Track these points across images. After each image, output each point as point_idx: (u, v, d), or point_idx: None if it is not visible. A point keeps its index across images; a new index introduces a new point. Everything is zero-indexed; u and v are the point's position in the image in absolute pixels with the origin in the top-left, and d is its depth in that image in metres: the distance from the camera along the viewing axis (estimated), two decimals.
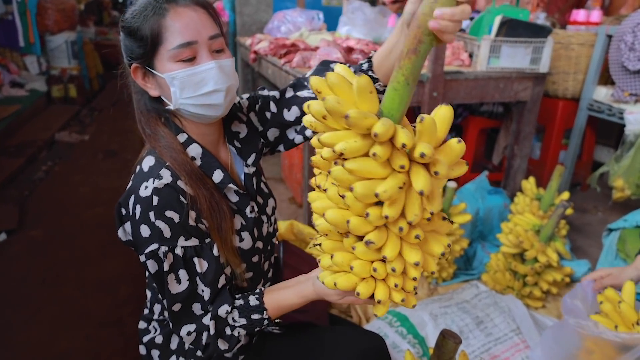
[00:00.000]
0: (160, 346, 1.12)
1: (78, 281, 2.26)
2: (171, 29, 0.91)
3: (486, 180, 2.46)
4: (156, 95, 0.99)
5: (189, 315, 0.98)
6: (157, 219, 0.91)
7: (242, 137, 1.13)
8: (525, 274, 1.93)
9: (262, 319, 1.00)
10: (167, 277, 0.94)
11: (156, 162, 0.96)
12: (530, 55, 2.17)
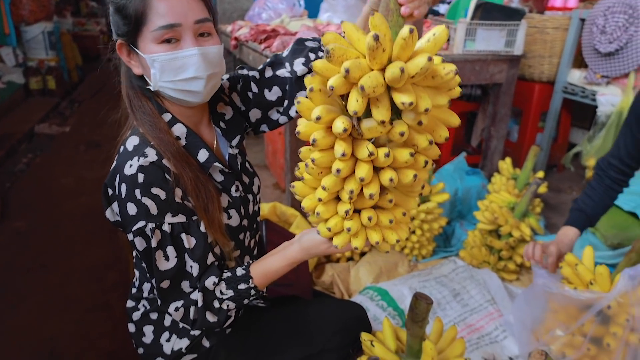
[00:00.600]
0: (155, 322, 1.14)
1: (64, 269, 2.27)
2: (156, 9, 0.91)
3: (464, 161, 2.53)
4: (139, 74, 1.01)
5: (177, 291, 0.99)
6: (143, 196, 0.92)
7: (227, 118, 1.15)
8: (500, 248, 2.01)
9: (249, 288, 1.01)
10: (155, 254, 0.95)
11: (140, 141, 0.97)
12: (504, 38, 2.23)
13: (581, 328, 1.34)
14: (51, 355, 1.74)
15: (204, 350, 1.14)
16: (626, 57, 2.38)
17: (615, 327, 1.26)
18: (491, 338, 1.66)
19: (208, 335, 1.15)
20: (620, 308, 1.24)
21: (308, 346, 1.21)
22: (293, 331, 1.22)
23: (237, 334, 1.17)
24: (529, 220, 2.06)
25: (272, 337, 1.19)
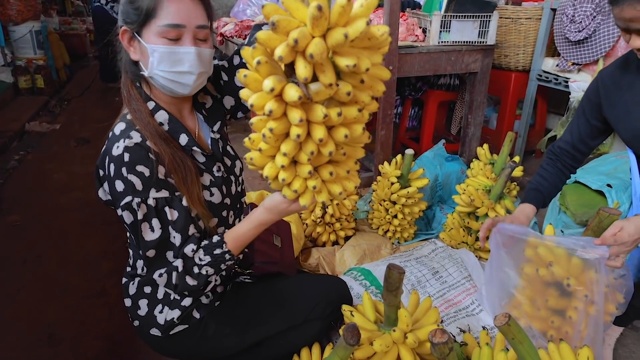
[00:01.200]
0: (149, 295, 1.23)
1: (59, 260, 2.35)
2: (166, 8, 1.03)
3: (443, 148, 2.63)
4: (135, 59, 1.10)
5: (162, 260, 1.09)
6: (129, 173, 1.02)
7: (208, 107, 1.26)
8: (477, 229, 2.12)
9: (224, 252, 1.10)
10: (141, 225, 1.04)
11: (127, 126, 1.08)
12: (477, 29, 2.33)
13: (545, 303, 1.45)
14: (50, 339, 1.82)
15: (194, 321, 1.24)
16: (595, 45, 2.49)
17: (576, 302, 1.37)
18: (467, 311, 1.76)
19: (198, 307, 1.24)
20: (579, 285, 1.34)
21: (292, 317, 1.31)
22: (278, 304, 1.32)
23: (226, 306, 1.27)
24: (504, 202, 2.17)
25: (259, 310, 1.29)
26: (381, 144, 2.41)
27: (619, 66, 1.49)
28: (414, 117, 3.57)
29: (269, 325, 1.29)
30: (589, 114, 1.55)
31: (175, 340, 1.25)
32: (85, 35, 7.92)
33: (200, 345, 1.27)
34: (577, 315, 1.37)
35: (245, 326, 1.27)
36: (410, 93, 3.21)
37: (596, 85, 1.53)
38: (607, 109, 1.51)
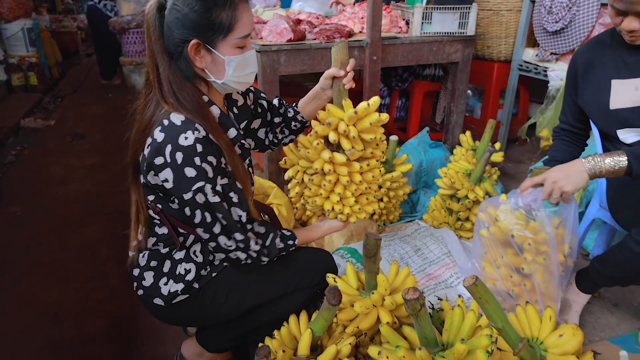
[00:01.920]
0: (155, 269, 1.33)
1: (61, 247, 2.45)
2: (241, 21, 1.16)
3: (427, 135, 2.75)
4: (201, 67, 1.19)
5: (228, 235, 1.23)
6: (202, 162, 1.13)
7: (239, 105, 1.43)
8: (458, 210, 2.24)
9: (293, 245, 1.42)
10: (215, 207, 1.17)
11: (186, 118, 1.16)
12: (458, 20, 2.45)
13: (503, 261, 1.59)
14: (55, 317, 1.93)
15: (194, 291, 1.34)
16: (571, 35, 2.61)
17: (526, 254, 1.50)
18: (447, 284, 1.89)
19: (198, 279, 1.35)
20: (521, 237, 1.49)
21: (283, 286, 1.42)
22: (270, 274, 1.42)
23: (222, 277, 1.37)
24: (484, 185, 2.29)
25: (252, 279, 1.40)
26: None
27: (592, 47, 1.59)
28: (402, 108, 3.68)
29: (261, 294, 1.40)
30: (573, 95, 1.66)
31: (175, 309, 1.35)
32: (76, 33, 7.97)
33: (198, 313, 1.38)
34: (528, 266, 1.49)
35: (240, 295, 1.38)
36: (397, 84, 3.32)
37: (573, 66, 1.63)
38: (581, 90, 1.61)
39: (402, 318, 1.45)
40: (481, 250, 1.64)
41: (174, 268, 1.33)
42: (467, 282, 1.16)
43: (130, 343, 1.81)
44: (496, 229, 1.53)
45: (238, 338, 1.52)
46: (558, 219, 1.47)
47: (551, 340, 1.36)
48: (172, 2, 1.14)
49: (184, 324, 1.55)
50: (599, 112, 1.58)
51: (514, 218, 1.50)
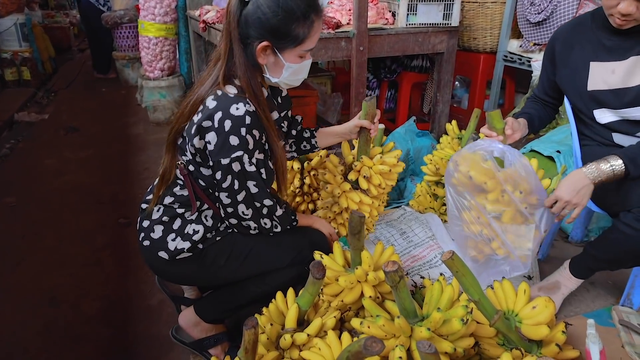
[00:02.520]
0: (166, 224, 1.42)
1: (56, 235, 2.50)
2: (311, 37, 1.30)
3: (414, 124, 2.82)
4: (262, 63, 1.32)
5: (251, 202, 1.37)
6: (247, 133, 1.25)
7: (283, 95, 1.55)
8: (443, 195, 2.31)
9: (295, 220, 1.56)
10: (249, 176, 1.31)
11: (239, 91, 1.29)
12: (442, 11, 2.52)
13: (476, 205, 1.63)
14: (52, 301, 1.99)
15: (197, 251, 1.43)
16: (553, 25, 2.69)
17: (489, 195, 1.56)
18: (430, 264, 1.96)
19: (204, 241, 1.44)
20: (494, 185, 1.54)
21: (279, 259, 1.51)
22: (269, 246, 1.51)
23: (225, 242, 1.46)
24: None
25: (251, 248, 1.48)
26: None
27: (572, 28, 1.65)
28: (391, 99, 3.75)
29: (258, 264, 1.48)
30: (549, 72, 1.73)
31: (176, 265, 1.44)
32: (69, 29, 7.98)
33: (197, 272, 1.46)
34: (493, 206, 1.57)
35: (239, 261, 1.46)
36: (385, 75, 3.39)
37: (552, 45, 1.70)
38: (559, 69, 1.68)
39: (385, 294, 1.53)
40: (453, 206, 1.71)
41: (183, 227, 1.42)
42: (444, 257, 1.22)
43: (125, 324, 1.87)
44: (465, 178, 1.60)
45: (233, 310, 1.60)
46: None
47: (525, 312, 1.43)
48: (257, 1, 1.24)
49: (179, 281, 1.66)
50: (577, 93, 1.64)
51: (485, 169, 1.55)
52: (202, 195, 1.41)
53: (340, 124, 1.77)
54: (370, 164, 1.69)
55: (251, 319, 1.24)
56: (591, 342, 1.30)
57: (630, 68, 1.50)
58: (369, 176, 1.67)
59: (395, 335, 1.30)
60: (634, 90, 1.51)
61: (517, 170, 1.52)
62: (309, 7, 1.25)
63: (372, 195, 1.71)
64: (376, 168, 1.66)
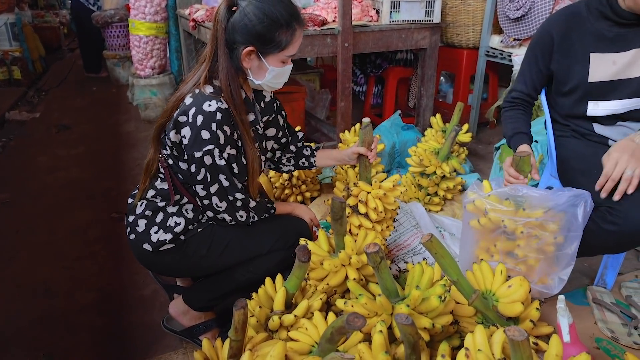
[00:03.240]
0: (149, 218, 1.49)
1: (50, 229, 2.55)
2: (293, 44, 1.39)
3: (399, 118, 2.90)
4: (246, 67, 1.40)
5: (224, 196, 1.43)
6: (217, 129, 1.32)
7: (266, 101, 1.62)
8: (427, 185, 2.39)
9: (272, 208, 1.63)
10: (220, 169, 1.37)
11: (215, 90, 1.38)
12: (424, 8, 2.60)
13: (496, 249, 1.59)
14: (47, 292, 2.04)
15: (180, 242, 1.50)
16: (531, 21, 2.78)
17: (519, 240, 1.52)
18: (415, 251, 2.04)
19: (185, 232, 1.51)
20: (513, 224, 1.50)
21: (259, 247, 1.58)
22: (248, 235, 1.57)
23: (206, 233, 1.53)
24: (451, 162, 2.45)
25: (231, 238, 1.55)
26: (341, 115, 2.67)
27: (567, 17, 1.62)
28: (378, 95, 3.83)
29: (239, 251, 1.55)
30: (541, 64, 1.68)
31: (161, 256, 1.51)
32: (59, 28, 7.98)
33: (181, 263, 1.53)
34: (522, 251, 1.53)
35: (220, 250, 1.53)
36: (371, 70, 3.46)
37: (549, 34, 1.63)
38: (558, 60, 1.64)
39: (369, 277, 1.60)
40: (473, 240, 1.66)
41: (165, 219, 1.50)
42: (423, 239, 1.26)
43: (119, 313, 1.93)
44: (486, 220, 1.55)
45: (221, 297, 1.66)
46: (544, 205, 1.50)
47: (502, 291, 1.50)
48: (244, 9, 1.33)
49: (166, 272, 1.73)
50: (577, 84, 1.62)
51: (503, 207, 1.52)
52: (182, 188, 1.49)
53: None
54: (369, 188, 1.75)
55: (241, 300, 1.30)
56: (560, 315, 1.37)
57: (632, 59, 1.52)
58: (365, 200, 1.73)
59: (377, 313, 1.37)
60: (636, 81, 1.54)
61: (554, 211, 1.48)
62: (292, 16, 1.36)
63: (373, 220, 1.75)
64: (374, 192, 1.73)
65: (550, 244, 1.48)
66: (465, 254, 1.67)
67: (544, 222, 1.46)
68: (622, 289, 1.86)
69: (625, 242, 1.53)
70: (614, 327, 1.68)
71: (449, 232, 2.24)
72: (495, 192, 1.53)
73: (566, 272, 1.49)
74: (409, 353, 1.18)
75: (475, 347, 1.20)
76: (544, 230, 1.47)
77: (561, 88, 1.69)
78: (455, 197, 2.51)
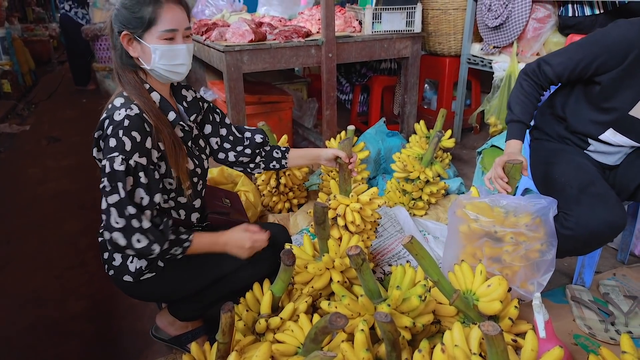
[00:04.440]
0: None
1: (40, 239, 2.58)
2: (164, 17, 1.33)
3: (384, 125, 2.97)
4: (135, 56, 1.38)
5: (122, 212, 1.27)
6: (124, 135, 1.27)
7: (189, 100, 1.58)
8: (411, 190, 2.45)
9: (185, 249, 1.43)
10: (117, 176, 1.25)
11: (125, 100, 1.37)
12: (405, 19, 2.68)
13: (483, 253, 1.61)
14: (37, 300, 2.07)
15: (159, 269, 1.49)
16: (509, 29, 2.86)
17: (507, 246, 1.54)
18: (399, 255, 2.09)
19: (162, 258, 1.48)
20: (504, 230, 1.51)
21: (237, 261, 1.55)
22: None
23: (185, 255, 1.48)
24: (434, 167, 2.51)
25: (209, 256, 1.52)
26: (327, 123, 2.73)
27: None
28: (364, 103, 3.90)
29: (219, 266, 1.55)
30: (599, 60, 1.51)
31: (144, 285, 1.50)
32: (48, 41, 8.03)
33: (165, 288, 1.53)
34: (510, 256, 1.55)
35: (198, 269, 1.53)
36: (356, 79, 3.54)
37: (629, 45, 1.46)
38: (621, 73, 1.49)
39: (353, 279, 1.65)
40: (459, 244, 1.68)
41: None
42: (404, 241, 1.31)
43: (109, 320, 1.96)
44: (477, 226, 1.57)
45: (206, 307, 1.67)
46: (532, 214, 1.52)
47: (481, 290, 1.54)
48: (116, 4, 1.36)
49: (155, 299, 1.73)
50: (616, 107, 1.55)
51: (494, 215, 1.54)
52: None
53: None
54: (347, 201, 1.78)
55: (228, 304, 1.33)
56: (536, 312, 1.42)
57: None
58: (341, 214, 1.74)
59: (360, 313, 1.42)
60: None
61: (542, 220, 1.51)
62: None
63: (354, 232, 1.78)
64: (352, 206, 1.75)
65: (536, 250, 1.53)
66: (449, 257, 1.71)
67: (530, 229, 1.50)
68: (600, 287, 1.92)
69: (581, 246, 1.59)
70: (591, 323, 1.73)
71: (433, 236, 2.29)
72: (485, 199, 1.56)
73: (545, 278, 1.54)
74: (389, 350, 1.23)
75: (453, 343, 1.25)
76: (531, 237, 1.51)
77: (596, 101, 1.60)
78: (439, 201, 2.57)
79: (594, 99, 1.61)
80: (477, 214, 1.55)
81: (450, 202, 2.59)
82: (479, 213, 1.54)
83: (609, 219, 1.49)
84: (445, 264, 1.77)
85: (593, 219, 1.49)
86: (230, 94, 2.47)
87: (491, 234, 1.54)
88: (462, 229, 1.63)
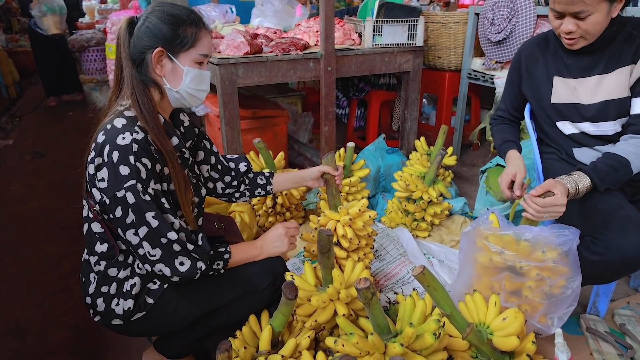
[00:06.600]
0: (105, 294, 1.34)
1: (21, 262, 2.43)
2: (202, 41, 1.31)
3: (384, 142, 2.87)
4: (160, 74, 1.31)
5: (157, 240, 1.23)
6: (136, 161, 1.19)
7: (185, 125, 1.50)
8: (414, 211, 2.35)
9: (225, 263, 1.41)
10: (145, 207, 1.20)
11: (128, 121, 1.24)
12: (406, 32, 2.59)
13: (503, 287, 1.49)
14: (18, 330, 1.92)
15: (149, 307, 1.36)
16: (512, 44, 2.79)
17: (530, 282, 1.43)
18: (403, 281, 1.98)
19: (148, 293, 1.36)
20: (529, 265, 1.41)
21: (230, 293, 1.44)
22: (216, 282, 1.44)
23: (170, 289, 1.38)
24: (437, 186, 2.41)
25: (198, 289, 1.41)
26: (325, 139, 2.62)
27: (538, 42, 1.72)
28: (361, 117, 3.81)
29: (209, 300, 1.43)
30: (516, 86, 1.78)
31: (135, 324, 1.38)
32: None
33: (156, 324, 1.41)
34: (532, 292, 1.45)
35: (188, 303, 1.40)
36: (354, 94, 3.44)
37: (518, 57, 1.75)
38: (525, 81, 1.74)
39: (359, 311, 1.54)
40: (474, 274, 1.57)
41: (120, 288, 1.34)
42: (415, 272, 1.22)
43: (94, 353, 1.82)
44: (501, 259, 1.46)
45: (195, 343, 1.55)
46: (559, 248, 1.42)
47: (496, 324, 1.45)
48: (145, 17, 1.28)
49: (147, 335, 1.63)
50: (540, 104, 1.71)
51: (520, 249, 1.44)
52: (121, 240, 1.34)
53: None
54: (336, 217, 1.71)
55: (224, 342, 1.22)
56: (559, 350, 1.32)
57: (591, 87, 1.57)
58: (332, 230, 1.67)
59: (369, 352, 1.30)
60: (593, 107, 1.57)
61: (568, 258, 1.42)
62: (192, 13, 1.31)
63: (347, 248, 1.70)
64: (342, 220, 1.68)
65: (559, 286, 1.43)
66: (460, 286, 1.61)
67: (556, 263, 1.40)
68: (616, 317, 1.82)
69: (610, 272, 1.50)
70: (610, 357, 1.63)
71: (437, 259, 2.19)
72: (510, 231, 1.45)
73: (567, 313, 1.43)
74: None
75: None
76: (556, 272, 1.41)
77: (533, 108, 1.78)
78: (442, 222, 2.47)
79: (531, 108, 1.81)
80: (502, 247, 1.45)
81: (453, 222, 2.48)
82: (503, 247, 1.44)
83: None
84: (454, 291, 1.66)
85: (625, 243, 1.40)
86: (225, 109, 2.35)
87: (515, 269, 1.44)
88: (481, 259, 1.51)
